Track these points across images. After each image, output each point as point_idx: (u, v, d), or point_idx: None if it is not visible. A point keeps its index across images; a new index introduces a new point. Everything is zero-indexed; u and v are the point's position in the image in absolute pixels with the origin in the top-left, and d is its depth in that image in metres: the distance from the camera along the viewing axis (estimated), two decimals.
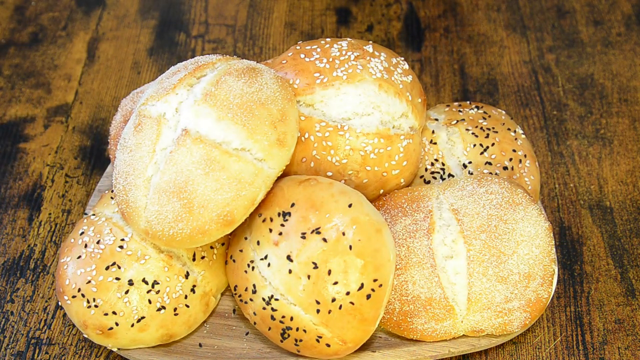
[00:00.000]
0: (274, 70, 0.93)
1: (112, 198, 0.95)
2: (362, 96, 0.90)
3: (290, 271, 0.85)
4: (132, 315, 0.88)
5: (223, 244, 0.95)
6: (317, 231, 0.85)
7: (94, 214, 0.94)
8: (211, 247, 0.93)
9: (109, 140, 1.08)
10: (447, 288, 0.89)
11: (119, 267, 0.88)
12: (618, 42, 1.30)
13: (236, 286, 0.91)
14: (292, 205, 0.87)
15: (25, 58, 1.33)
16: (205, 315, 0.94)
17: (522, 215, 0.91)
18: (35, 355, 0.96)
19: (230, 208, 0.84)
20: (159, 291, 0.89)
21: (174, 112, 0.86)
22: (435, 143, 1.01)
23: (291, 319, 0.86)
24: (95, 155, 1.18)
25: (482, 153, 0.99)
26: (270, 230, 0.87)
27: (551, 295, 0.91)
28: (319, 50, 0.94)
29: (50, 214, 1.11)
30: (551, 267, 0.90)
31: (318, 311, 0.84)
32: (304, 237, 0.85)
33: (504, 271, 0.88)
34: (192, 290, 0.91)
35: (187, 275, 0.90)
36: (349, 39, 0.96)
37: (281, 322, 0.86)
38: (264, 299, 0.87)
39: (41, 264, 1.05)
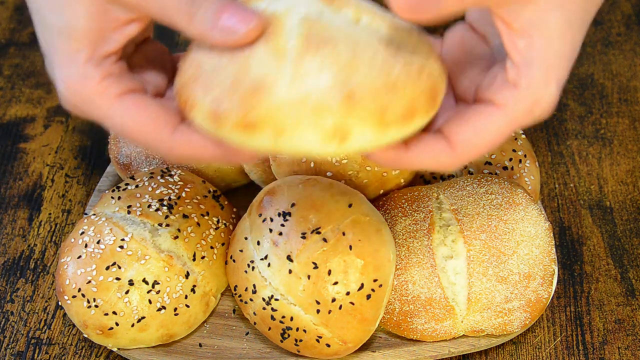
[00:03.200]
0: None
1: (112, 198, 0.95)
2: None
3: (290, 271, 0.85)
4: (132, 315, 0.88)
5: (223, 244, 0.95)
6: (317, 231, 0.85)
7: (94, 214, 0.94)
8: (211, 247, 0.93)
9: (109, 140, 1.08)
10: (447, 288, 0.89)
11: (119, 267, 0.88)
12: (618, 42, 1.30)
13: (236, 286, 0.91)
14: (292, 205, 0.87)
15: (25, 58, 1.33)
16: (205, 315, 0.94)
17: (522, 215, 0.91)
18: (35, 355, 0.96)
19: None
20: (159, 291, 0.89)
21: None
22: None
23: (291, 319, 0.86)
24: (95, 155, 1.18)
25: None
26: (270, 230, 0.87)
27: (551, 295, 0.91)
28: None
29: (50, 214, 1.11)
30: (551, 267, 0.90)
31: (318, 311, 0.85)
32: (304, 237, 0.85)
33: (504, 271, 0.88)
34: (192, 290, 0.91)
35: (187, 275, 0.90)
36: None
37: (281, 322, 0.87)
38: (264, 299, 0.87)
39: (41, 264, 1.05)
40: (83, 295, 0.88)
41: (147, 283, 0.88)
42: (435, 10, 0.54)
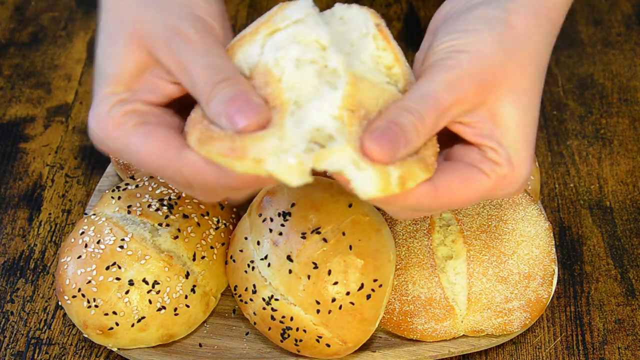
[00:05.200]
0: None
1: (112, 198, 0.95)
2: None
3: (290, 271, 0.85)
4: (132, 315, 0.88)
5: (223, 244, 0.95)
6: (317, 231, 0.85)
7: (94, 214, 0.94)
8: (211, 247, 0.93)
9: None
10: (447, 288, 0.89)
11: (120, 267, 0.88)
12: (618, 42, 1.30)
13: (236, 286, 0.91)
14: (292, 205, 0.87)
15: (25, 58, 1.33)
16: (205, 315, 0.94)
17: (522, 215, 0.91)
18: (35, 355, 0.96)
19: None
20: (159, 291, 0.89)
21: None
22: None
23: (291, 319, 0.86)
24: (95, 155, 1.18)
25: None
26: (270, 230, 0.87)
27: (551, 295, 0.91)
28: None
29: (50, 214, 1.11)
30: (551, 267, 0.91)
31: (318, 311, 0.84)
32: (304, 237, 0.85)
33: (504, 271, 0.89)
34: (192, 290, 0.91)
35: (187, 275, 0.90)
36: None
37: (281, 322, 0.87)
38: (264, 299, 0.87)
39: (41, 264, 1.05)
40: (83, 295, 0.88)
41: (147, 283, 0.88)
42: (408, 148, 0.63)
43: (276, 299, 0.86)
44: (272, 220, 0.87)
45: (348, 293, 0.84)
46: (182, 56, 0.64)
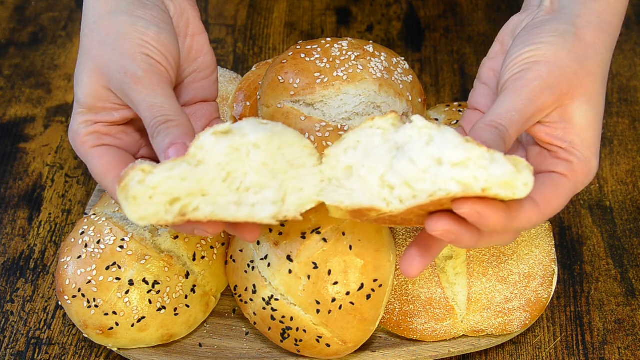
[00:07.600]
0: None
1: (112, 198, 0.95)
2: (362, 96, 0.90)
3: (290, 271, 0.85)
4: (132, 315, 0.88)
5: (223, 244, 0.95)
6: (317, 231, 0.85)
7: (94, 214, 0.94)
8: (211, 247, 0.93)
9: None
10: (447, 288, 0.89)
11: (120, 267, 0.88)
12: (618, 42, 1.30)
13: (236, 286, 0.91)
14: None
15: (25, 58, 1.33)
16: (205, 315, 0.94)
17: None
18: (35, 355, 0.96)
19: None
20: (159, 291, 0.89)
21: None
22: None
23: (291, 319, 0.86)
24: None
25: None
26: (270, 230, 0.87)
27: (551, 295, 0.91)
28: (319, 50, 0.94)
29: (50, 214, 1.11)
30: (551, 267, 0.91)
31: (318, 311, 0.84)
32: (304, 237, 0.85)
33: (503, 271, 0.89)
34: (192, 290, 0.91)
35: (187, 275, 0.90)
36: (349, 39, 0.96)
37: (281, 322, 0.87)
38: (264, 299, 0.87)
39: (41, 264, 1.05)
40: (83, 295, 0.88)
41: (147, 283, 0.88)
42: None
43: (276, 299, 0.86)
44: None
45: (348, 293, 0.84)
46: (131, 95, 0.73)
